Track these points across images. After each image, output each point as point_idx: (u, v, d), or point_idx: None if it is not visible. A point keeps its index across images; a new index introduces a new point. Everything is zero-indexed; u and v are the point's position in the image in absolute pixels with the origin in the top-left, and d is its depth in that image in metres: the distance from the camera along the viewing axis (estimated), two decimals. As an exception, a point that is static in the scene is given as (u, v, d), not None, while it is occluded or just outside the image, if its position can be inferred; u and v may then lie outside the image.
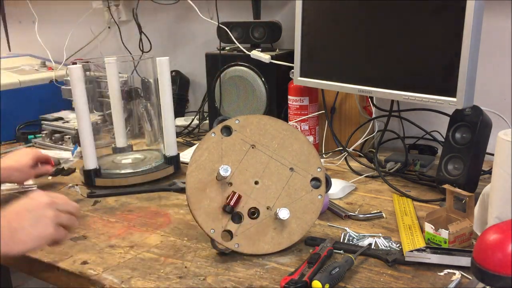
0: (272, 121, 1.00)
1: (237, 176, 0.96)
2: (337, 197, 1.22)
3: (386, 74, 1.22)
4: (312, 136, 1.55)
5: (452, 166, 1.17)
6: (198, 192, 0.95)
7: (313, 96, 1.52)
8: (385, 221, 1.09)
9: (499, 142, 0.88)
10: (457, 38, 1.05)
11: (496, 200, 0.89)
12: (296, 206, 0.97)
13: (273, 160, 0.98)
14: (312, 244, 0.98)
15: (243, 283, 0.86)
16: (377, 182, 1.33)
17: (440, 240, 0.93)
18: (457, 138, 1.17)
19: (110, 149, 1.49)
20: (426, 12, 1.11)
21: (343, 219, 1.10)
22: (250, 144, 0.98)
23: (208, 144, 0.97)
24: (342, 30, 1.30)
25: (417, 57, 1.15)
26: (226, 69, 1.65)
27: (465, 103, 1.07)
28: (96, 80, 1.55)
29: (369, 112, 1.53)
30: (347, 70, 1.30)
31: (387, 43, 1.20)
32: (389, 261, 0.89)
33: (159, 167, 1.39)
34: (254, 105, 1.64)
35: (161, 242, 1.03)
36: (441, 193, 1.18)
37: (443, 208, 1.04)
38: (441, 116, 1.37)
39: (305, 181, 0.98)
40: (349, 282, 0.85)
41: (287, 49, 1.66)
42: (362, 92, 1.27)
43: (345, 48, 1.30)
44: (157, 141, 1.51)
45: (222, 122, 0.98)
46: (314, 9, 1.36)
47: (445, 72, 1.09)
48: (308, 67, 1.40)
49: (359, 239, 1.00)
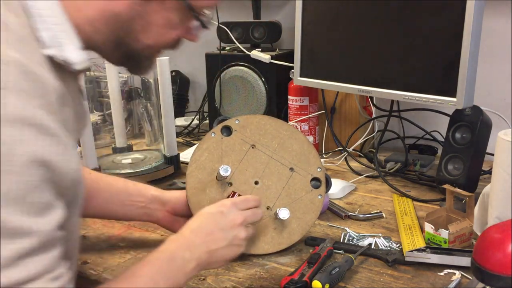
0: (272, 121, 1.00)
1: (237, 176, 0.96)
2: (337, 197, 1.22)
3: (386, 74, 1.22)
4: (312, 136, 1.55)
5: (452, 166, 1.17)
6: (198, 192, 0.95)
7: (313, 96, 1.52)
8: (385, 221, 1.09)
9: (499, 142, 0.88)
10: (457, 38, 1.05)
11: (496, 200, 0.89)
12: (296, 206, 0.97)
13: (273, 160, 0.98)
14: (312, 244, 0.98)
15: (243, 283, 0.86)
16: (377, 182, 1.33)
17: (440, 240, 0.93)
18: (457, 138, 1.17)
19: (110, 149, 1.49)
20: (426, 12, 1.11)
21: (343, 219, 1.10)
22: (250, 144, 0.98)
23: (208, 144, 0.97)
24: (342, 30, 1.30)
25: (417, 57, 1.15)
26: (226, 69, 1.65)
27: (465, 103, 1.07)
28: (96, 80, 1.55)
29: (369, 112, 1.53)
30: (347, 70, 1.30)
31: (387, 43, 1.20)
32: (389, 261, 0.89)
33: (159, 167, 1.39)
34: (254, 105, 1.64)
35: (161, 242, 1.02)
36: (441, 193, 1.18)
37: (443, 208, 1.04)
38: (441, 116, 1.37)
39: (305, 181, 0.98)
40: (349, 282, 0.85)
41: (287, 49, 1.66)
42: (362, 92, 1.27)
43: (345, 48, 1.30)
44: (157, 141, 1.51)
45: (222, 122, 0.98)
46: (314, 9, 1.36)
47: (445, 72, 1.09)
48: (308, 67, 1.40)
49: (359, 239, 1.00)
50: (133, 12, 0.65)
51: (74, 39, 0.64)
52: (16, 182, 0.52)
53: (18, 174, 0.52)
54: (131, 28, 0.67)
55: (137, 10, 0.65)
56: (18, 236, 0.52)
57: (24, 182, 0.52)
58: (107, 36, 0.67)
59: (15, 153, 0.51)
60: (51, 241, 0.56)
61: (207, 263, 0.77)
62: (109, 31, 0.66)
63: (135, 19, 0.66)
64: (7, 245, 0.51)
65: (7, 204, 0.51)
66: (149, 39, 0.69)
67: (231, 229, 0.79)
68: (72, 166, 0.59)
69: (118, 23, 0.66)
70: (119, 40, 0.68)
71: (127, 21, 0.66)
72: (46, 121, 0.55)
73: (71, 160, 0.58)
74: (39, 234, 0.54)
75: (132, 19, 0.66)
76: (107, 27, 0.66)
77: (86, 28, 0.65)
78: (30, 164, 0.53)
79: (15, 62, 0.54)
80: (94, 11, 0.65)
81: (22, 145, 0.52)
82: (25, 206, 0.53)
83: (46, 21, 0.61)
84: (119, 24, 0.66)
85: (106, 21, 0.65)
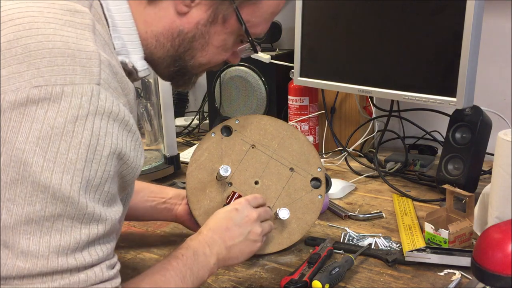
0: (272, 121, 1.00)
1: (237, 176, 0.96)
2: (337, 197, 1.22)
3: (386, 74, 1.22)
4: (312, 136, 1.55)
5: (452, 166, 1.17)
6: (198, 192, 0.95)
7: (313, 96, 1.52)
8: (385, 221, 1.09)
9: (499, 142, 0.88)
10: (457, 38, 1.05)
11: (496, 200, 0.89)
12: (296, 206, 0.97)
13: (273, 160, 0.98)
14: (312, 244, 0.98)
15: (243, 283, 0.86)
16: (377, 182, 1.33)
17: (440, 240, 0.93)
18: (457, 138, 1.17)
19: (110, 149, 1.48)
20: (426, 12, 1.11)
21: (343, 219, 1.10)
22: (250, 144, 0.98)
23: (208, 144, 0.97)
24: (342, 30, 1.30)
25: (417, 57, 1.15)
26: (226, 69, 1.66)
27: (465, 103, 1.07)
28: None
29: (369, 112, 1.53)
30: (347, 70, 1.30)
31: (387, 43, 1.20)
32: (389, 261, 0.89)
33: (159, 167, 1.39)
34: (254, 105, 1.64)
35: (161, 242, 1.03)
36: (441, 193, 1.18)
37: (443, 208, 1.04)
38: (441, 116, 1.37)
39: (305, 181, 0.98)
40: (349, 282, 0.85)
41: (287, 49, 1.66)
42: (362, 92, 1.27)
43: (345, 48, 1.30)
44: (157, 141, 1.50)
45: (222, 122, 0.98)
46: (314, 9, 1.36)
47: (445, 72, 1.09)
48: (308, 67, 1.40)
49: (359, 239, 1.00)
50: (198, 32, 0.71)
51: (139, 49, 0.70)
52: (98, 171, 0.56)
53: (101, 163, 0.56)
54: (192, 46, 0.72)
55: (202, 30, 0.71)
56: (93, 222, 0.56)
57: (104, 172, 0.57)
58: (167, 51, 0.72)
59: (101, 144, 0.56)
60: (114, 231, 0.61)
61: (227, 259, 0.79)
62: (171, 46, 0.72)
63: (197, 38, 0.72)
64: (82, 229, 0.55)
65: (88, 190, 0.55)
66: (204, 58, 0.75)
67: (246, 224, 0.82)
68: (140, 162, 0.64)
69: (181, 40, 0.71)
70: (177, 56, 0.73)
71: (190, 39, 0.71)
72: (128, 117, 0.59)
73: (140, 158, 0.64)
74: (109, 223, 0.58)
75: (194, 38, 0.72)
76: (171, 43, 0.71)
77: (150, 41, 0.71)
78: (111, 156, 0.57)
79: (106, 62, 0.59)
80: (163, 26, 0.70)
81: (108, 137, 0.56)
82: (102, 195, 0.57)
83: (119, 30, 0.67)
84: (182, 41, 0.71)
85: (172, 37, 0.71)
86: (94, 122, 0.55)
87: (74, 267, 0.54)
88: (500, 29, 1.38)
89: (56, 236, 0.53)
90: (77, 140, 0.54)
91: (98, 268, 0.57)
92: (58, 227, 0.53)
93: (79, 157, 0.54)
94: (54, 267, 0.53)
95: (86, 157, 0.54)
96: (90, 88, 0.55)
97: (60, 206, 0.53)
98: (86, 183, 0.55)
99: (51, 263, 0.53)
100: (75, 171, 0.54)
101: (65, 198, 0.53)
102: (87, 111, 0.54)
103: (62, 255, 0.53)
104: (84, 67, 0.56)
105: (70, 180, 0.53)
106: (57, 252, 0.53)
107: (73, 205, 0.54)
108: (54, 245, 0.53)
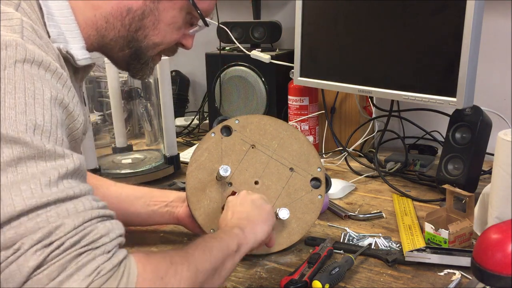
0: (272, 121, 1.00)
1: (237, 176, 0.96)
2: (337, 197, 1.22)
3: (386, 74, 1.22)
4: (312, 136, 1.55)
5: (452, 166, 1.17)
6: (198, 192, 0.95)
7: (313, 96, 1.52)
8: (385, 221, 1.09)
9: (499, 142, 0.88)
10: (457, 38, 1.05)
11: (496, 200, 0.89)
12: (296, 206, 0.97)
13: (273, 160, 0.98)
14: (312, 244, 0.98)
15: (243, 283, 0.86)
16: (377, 182, 1.33)
17: (440, 240, 0.93)
18: (457, 138, 1.17)
19: (110, 149, 1.49)
20: (426, 12, 1.11)
21: (343, 219, 1.10)
22: (250, 144, 0.98)
23: (208, 144, 0.97)
24: (342, 30, 1.30)
25: (417, 57, 1.15)
26: (226, 69, 1.66)
27: (465, 103, 1.07)
28: (96, 80, 1.55)
29: (369, 112, 1.53)
30: (347, 70, 1.30)
31: (387, 43, 1.20)
32: (389, 261, 0.89)
33: (159, 167, 1.39)
34: (254, 105, 1.64)
35: (161, 242, 1.03)
36: (441, 193, 1.18)
37: (443, 208, 1.04)
38: (441, 116, 1.37)
39: (305, 181, 0.98)
40: (349, 282, 0.85)
41: (287, 49, 1.66)
42: (362, 92, 1.27)
43: (345, 48, 1.30)
44: (157, 141, 1.51)
45: (222, 122, 0.98)
46: (314, 9, 1.36)
47: (445, 72, 1.09)
48: (308, 67, 1.40)
49: (359, 239, 1.00)
50: (146, 8, 0.73)
51: (79, 38, 0.71)
52: (45, 115, 0.56)
53: (46, 107, 0.57)
54: (143, 24, 0.74)
55: (150, 6, 0.73)
56: (58, 158, 0.56)
57: (52, 116, 0.57)
58: (119, 31, 0.74)
59: (39, 87, 0.56)
60: (85, 175, 0.60)
61: (250, 232, 0.79)
62: (122, 26, 0.74)
63: (147, 15, 0.74)
64: (48, 165, 0.54)
65: (39, 133, 0.55)
66: (157, 37, 0.76)
67: (263, 210, 0.85)
68: (80, 119, 0.64)
69: (131, 19, 0.73)
70: (130, 37, 0.75)
71: (139, 15, 0.73)
72: (61, 70, 0.60)
73: (80, 114, 0.64)
74: (76, 159, 0.57)
75: (144, 15, 0.74)
76: (121, 22, 0.73)
77: (100, 23, 0.73)
78: (53, 101, 0.58)
79: (30, 28, 0.61)
80: (111, 7, 0.72)
81: (45, 83, 0.57)
82: (58, 140, 0.57)
83: (55, 19, 0.68)
84: (132, 20, 0.74)
85: (121, 16, 0.73)
86: (24, 68, 0.56)
87: (54, 199, 0.53)
88: (500, 29, 1.38)
89: (24, 176, 0.52)
90: (11, 86, 0.54)
91: (84, 198, 0.56)
92: (23, 169, 0.53)
93: (17, 101, 0.54)
94: (33, 204, 0.52)
95: (25, 100, 0.55)
96: (14, 39, 0.56)
97: (17, 149, 0.53)
98: (34, 126, 0.55)
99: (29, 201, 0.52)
100: (16, 115, 0.54)
101: (16, 139, 0.53)
102: (14, 59, 0.56)
103: (36, 190, 0.52)
104: (5, 26, 0.58)
105: (14, 123, 0.53)
106: (30, 189, 0.52)
107: (27, 145, 0.53)
108: (25, 187, 0.52)
